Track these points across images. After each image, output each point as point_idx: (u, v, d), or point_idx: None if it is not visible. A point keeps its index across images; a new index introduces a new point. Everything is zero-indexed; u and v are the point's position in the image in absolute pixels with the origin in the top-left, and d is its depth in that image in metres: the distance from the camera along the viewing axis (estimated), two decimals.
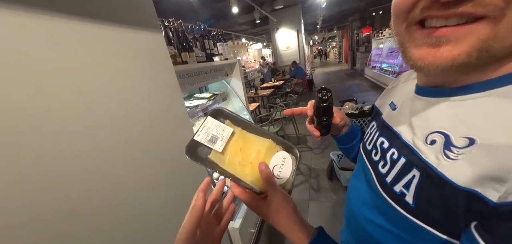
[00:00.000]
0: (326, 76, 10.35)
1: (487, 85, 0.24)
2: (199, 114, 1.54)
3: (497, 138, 0.21)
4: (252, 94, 4.80)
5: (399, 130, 0.33)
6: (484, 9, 0.20)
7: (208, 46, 1.55)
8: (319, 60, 20.27)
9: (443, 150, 0.25)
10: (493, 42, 0.21)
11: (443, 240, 0.24)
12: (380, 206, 0.32)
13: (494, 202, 0.20)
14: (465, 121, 0.24)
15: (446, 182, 0.23)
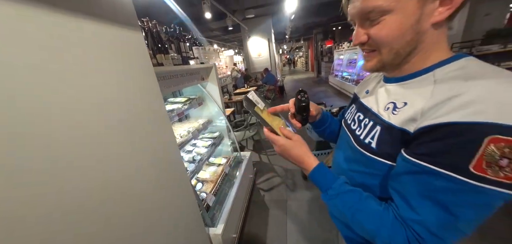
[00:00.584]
0: (296, 83, 11.00)
1: (403, 79, 0.45)
2: (174, 119, 1.47)
3: (414, 101, 0.39)
4: (226, 100, 4.78)
5: (371, 105, 0.51)
6: (372, 47, 0.43)
7: (184, 49, 1.51)
8: (288, 68, 21.45)
9: (392, 111, 0.43)
10: (385, 60, 0.43)
11: (391, 166, 0.42)
12: (357, 157, 0.50)
13: (412, 132, 0.37)
14: (403, 95, 0.43)
15: (392, 127, 0.41)
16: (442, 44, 0.40)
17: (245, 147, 3.61)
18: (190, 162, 1.61)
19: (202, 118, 2.04)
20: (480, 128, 0.29)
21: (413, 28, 0.37)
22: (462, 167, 0.31)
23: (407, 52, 0.40)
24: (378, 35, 0.40)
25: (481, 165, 0.30)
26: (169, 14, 4.37)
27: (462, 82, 0.34)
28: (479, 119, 0.29)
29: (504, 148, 0.28)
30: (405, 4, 0.36)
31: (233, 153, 2.32)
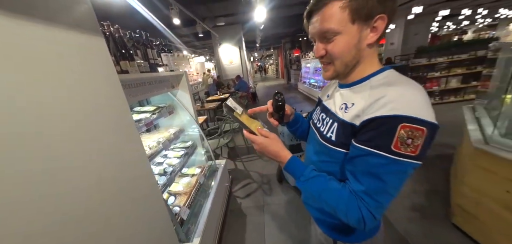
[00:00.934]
0: (268, 90, 11.35)
1: (352, 85, 0.56)
2: (142, 129, 1.37)
3: (358, 103, 0.51)
4: (198, 107, 4.63)
5: (330, 107, 0.62)
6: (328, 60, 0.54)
7: (151, 56, 1.43)
8: (259, 75, 22.02)
9: (344, 110, 0.54)
10: (338, 70, 0.54)
11: (346, 153, 0.53)
12: (322, 149, 0.61)
13: (357, 125, 0.49)
14: (351, 98, 0.54)
15: (345, 122, 0.53)
16: (374, 59, 0.55)
17: (220, 155, 3.54)
18: (161, 175, 1.51)
19: (173, 128, 1.93)
20: (395, 119, 0.42)
21: (356, 46, 0.50)
22: (387, 147, 0.43)
23: (353, 64, 0.53)
24: (333, 50, 0.51)
25: (398, 145, 0.43)
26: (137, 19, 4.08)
27: (386, 87, 0.47)
28: (394, 113, 0.42)
29: (409, 132, 0.42)
30: (350, 29, 0.48)
31: (208, 162, 2.25)
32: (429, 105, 0.43)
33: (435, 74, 4.57)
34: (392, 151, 0.43)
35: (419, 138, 0.41)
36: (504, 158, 1.15)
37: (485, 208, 1.29)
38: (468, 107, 2.00)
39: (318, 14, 0.50)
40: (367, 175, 0.47)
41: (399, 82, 0.47)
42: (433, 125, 0.42)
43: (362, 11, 0.46)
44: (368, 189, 0.47)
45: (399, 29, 7.81)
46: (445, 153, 2.59)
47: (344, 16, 0.47)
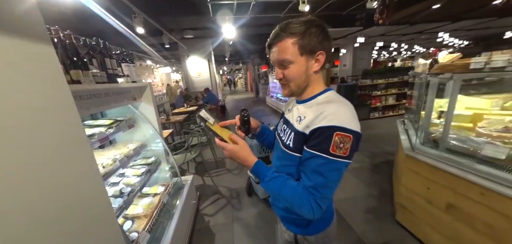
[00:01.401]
0: (237, 103, 11.45)
1: (305, 101, 0.70)
2: (94, 145, 1.22)
3: (308, 116, 0.64)
4: (164, 120, 4.33)
5: (290, 119, 0.74)
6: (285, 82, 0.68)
7: (110, 65, 1.32)
8: (228, 88, 22.09)
9: (299, 122, 0.66)
10: (293, 90, 0.68)
11: (300, 157, 0.65)
12: (284, 155, 0.72)
13: (307, 133, 0.61)
14: (304, 112, 0.67)
15: (298, 131, 0.65)
16: (320, 82, 0.70)
17: (187, 171, 3.34)
18: (117, 197, 1.34)
19: (133, 143, 1.77)
20: (332, 129, 0.56)
21: (305, 73, 0.65)
22: (327, 150, 0.57)
23: (303, 86, 0.68)
24: (288, 75, 0.66)
25: (334, 148, 0.56)
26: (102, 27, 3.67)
27: (326, 104, 0.62)
28: (331, 124, 0.57)
29: (340, 138, 0.56)
30: (300, 60, 0.63)
31: (173, 179, 2.11)
32: (355, 118, 0.59)
33: (377, 92, 5.47)
34: (330, 153, 0.56)
35: (347, 143, 0.56)
36: (423, 161, 1.46)
37: (415, 204, 1.58)
38: (400, 120, 2.46)
39: (276, 47, 0.64)
40: (314, 173, 0.59)
41: (336, 100, 0.63)
42: (357, 133, 0.57)
43: (307, 47, 0.61)
44: (315, 184, 0.59)
45: (349, 54, 9.14)
46: (389, 159, 3.07)
47: (295, 50, 0.62)
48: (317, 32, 0.61)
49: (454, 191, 1.28)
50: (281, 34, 0.62)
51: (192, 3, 4.02)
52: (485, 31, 9.96)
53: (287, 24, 0.62)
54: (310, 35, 0.60)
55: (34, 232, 0.55)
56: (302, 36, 0.60)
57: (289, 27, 0.61)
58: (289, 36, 0.61)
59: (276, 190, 0.65)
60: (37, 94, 0.59)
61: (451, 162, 1.32)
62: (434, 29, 7.66)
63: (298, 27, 0.60)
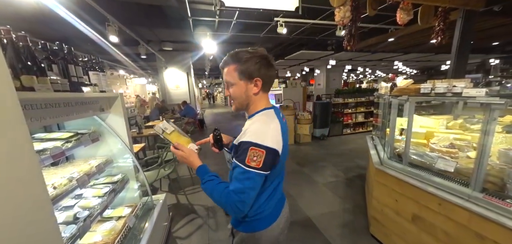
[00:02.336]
0: (216, 117, 11.26)
1: (249, 117, 0.81)
2: (45, 162, 1.05)
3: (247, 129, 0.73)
4: (135, 134, 4.00)
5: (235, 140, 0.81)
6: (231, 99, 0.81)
7: (74, 72, 1.19)
8: (208, 102, 21.71)
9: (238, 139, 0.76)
10: (237, 106, 0.82)
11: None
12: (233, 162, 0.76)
13: (236, 145, 0.75)
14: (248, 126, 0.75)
15: (234, 143, 0.78)
16: (260, 102, 0.80)
17: (159, 189, 3.07)
18: (69, 223, 1.15)
19: (97, 158, 1.58)
20: (248, 143, 0.68)
21: (245, 94, 0.77)
22: (243, 161, 0.68)
23: (245, 105, 0.80)
24: (232, 94, 0.79)
25: (249, 160, 0.67)
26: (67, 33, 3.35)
27: (253, 123, 0.74)
28: (247, 139, 0.69)
29: (254, 152, 0.67)
30: (239, 82, 0.76)
31: (142, 199, 1.91)
32: (270, 136, 0.69)
33: (349, 110, 5.94)
34: (246, 164, 0.67)
35: (260, 157, 0.67)
36: (390, 175, 1.58)
37: (386, 216, 1.68)
38: (369, 136, 2.68)
39: (224, 70, 0.78)
40: (235, 179, 0.70)
41: (260, 120, 0.75)
42: (270, 149, 0.68)
43: (246, 73, 0.74)
44: (235, 189, 0.68)
45: (323, 74, 9.92)
46: (361, 173, 3.26)
47: (235, 74, 0.75)
48: (256, 61, 0.74)
49: (417, 203, 1.40)
50: (227, 60, 0.77)
51: (171, 17, 3.99)
52: (428, 63, 11.95)
53: (234, 53, 0.75)
54: (248, 64, 0.73)
55: None
56: (242, 64, 0.74)
57: (233, 55, 0.75)
58: (232, 63, 0.75)
59: (209, 191, 0.74)
60: None
61: (413, 175, 1.45)
62: (390, 57, 8.87)
63: (241, 56, 0.74)
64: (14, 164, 0.58)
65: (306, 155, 4.30)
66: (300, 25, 4.65)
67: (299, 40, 6.36)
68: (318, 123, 5.40)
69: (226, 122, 9.16)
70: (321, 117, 5.39)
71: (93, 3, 2.74)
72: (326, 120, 5.46)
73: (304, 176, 3.29)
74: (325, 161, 3.90)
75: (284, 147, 0.74)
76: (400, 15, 2.49)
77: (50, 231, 0.71)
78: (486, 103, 1.06)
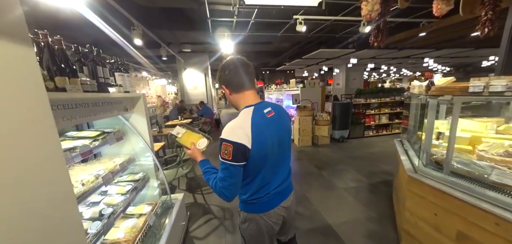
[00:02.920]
0: (231, 116, 11.33)
1: None
2: (75, 159, 1.09)
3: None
4: (156, 133, 4.17)
5: None
6: None
7: (102, 74, 1.24)
8: (224, 103, 22.07)
9: None
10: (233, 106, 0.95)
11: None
12: None
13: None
14: None
15: None
16: (241, 101, 0.91)
17: (177, 188, 3.15)
18: (95, 219, 1.19)
19: (120, 156, 1.64)
20: (221, 140, 0.80)
21: (229, 97, 0.93)
22: (220, 153, 0.81)
23: (233, 105, 0.94)
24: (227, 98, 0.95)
25: (223, 153, 0.80)
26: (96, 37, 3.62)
27: (232, 120, 0.84)
28: (221, 136, 0.80)
29: (224, 146, 0.79)
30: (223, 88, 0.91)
31: (162, 197, 1.95)
32: (237, 133, 0.79)
33: (371, 111, 5.57)
34: (221, 157, 0.81)
35: (229, 149, 0.78)
36: (427, 184, 1.41)
37: (422, 231, 1.49)
38: (397, 140, 2.45)
39: None
40: (219, 170, 0.85)
41: (236, 119, 0.85)
42: (235, 143, 0.77)
43: (219, 82, 0.94)
44: (219, 178, 0.84)
45: (342, 74, 9.46)
46: (386, 179, 3.02)
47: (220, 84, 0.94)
48: (219, 74, 0.91)
49: (465, 219, 1.20)
50: None
51: (191, 19, 4.09)
52: (465, 60, 10.73)
53: None
54: (217, 76, 0.93)
55: None
56: (216, 77, 0.97)
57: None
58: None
59: (206, 180, 0.92)
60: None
61: (459, 186, 1.27)
62: (420, 54, 8.13)
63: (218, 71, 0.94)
64: (42, 163, 0.59)
65: (324, 158, 4.11)
66: (320, 23, 4.47)
67: (318, 38, 6.14)
68: (337, 124, 5.14)
69: None
70: (340, 118, 5.13)
71: (119, 7, 2.89)
72: (346, 121, 5.18)
73: (323, 180, 3.14)
74: (345, 165, 3.69)
75: (262, 142, 0.82)
76: (437, 5, 2.20)
77: (73, 231, 0.72)
78: None
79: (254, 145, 0.79)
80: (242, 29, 4.74)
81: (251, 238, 1.00)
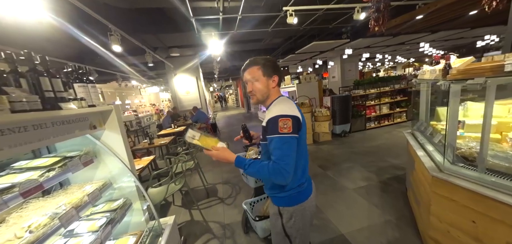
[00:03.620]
0: (228, 119, 11.11)
1: (267, 108, 1.04)
2: (10, 204, 0.81)
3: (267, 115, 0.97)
4: (146, 145, 3.89)
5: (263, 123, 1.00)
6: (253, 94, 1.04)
7: (50, 86, 0.97)
8: (220, 105, 21.72)
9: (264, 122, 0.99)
10: (258, 98, 1.04)
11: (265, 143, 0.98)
12: (263, 146, 1.03)
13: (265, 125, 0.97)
14: (267, 114, 0.97)
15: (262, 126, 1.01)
16: (277, 93, 1.03)
17: (172, 203, 2.88)
18: None
19: (93, 183, 1.38)
20: (275, 117, 0.89)
21: (266, 87, 1.00)
22: (277, 131, 0.87)
23: (265, 96, 1.01)
24: (255, 88, 1.00)
25: (281, 129, 0.87)
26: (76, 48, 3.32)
27: (274, 105, 0.97)
28: (274, 115, 0.90)
29: (282, 121, 0.88)
30: (262, 78, 0.99)
31: (149, 223, 1.68)
32: (290, 109, 0.91)
33: (371, 102, 5.37)
34: (279, 133, 0.86)
35: (289, 123, 0.87)
36: (459, 186, 1.18)
37: (455, 240, 1.26)
38: (408, 132, 2.23)
39: (247, 71, 1.02)
40: (275, 149, 0.87)
41: (279, 103, 0.97)
42: (293, 116, 0.89)
43: (267, 72, 0.99)
44: (277, 157, 0.86)
45: (337, 66, 9.28)
46: (397, 175, 2.80)
47: (260, 72, 0.99)
48: (272, 63, 1.00)
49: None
50: (250, 63, 1.01)
51: (174, 20, 3.81)
52: (459, 41, 10.67)
53: (254, 59, 1.01)
54: (268, 65, 0.99)
55: None
56: (264, 65, 0.99)
57: (254, 60, 1.01)
58: (255, 65, 1.00)
59: (255, 171, 0.91)
60: None
61: (501, 187, 1.04)
62: (415, 39, 7.99)
63: (261, 60, 1.00)
64: None
65: (328, 156, 3.88)
66: (311, 13, 4.24)
67: (310, 31, 5.91)
68: (338, 119, 4.93)
69: (238, 124, 8.95)
70: (340, 112, 4.91)
71: (93, 13, 2.61)
72: (346, 115, 4.97)
73: (329, 181, 2.91)
74: (351, 162, 3.47)
75: (303, 120, 0.97)
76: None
77: None
78: None
79: (301, 120, 0.94)
80: (230, 27, 4.48)
81: (298, 232, 1.02)
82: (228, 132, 7.59)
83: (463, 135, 1.52)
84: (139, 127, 7.87)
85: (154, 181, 2.63)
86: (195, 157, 3.06)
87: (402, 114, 5.63)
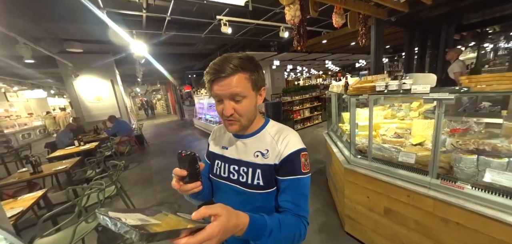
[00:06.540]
0: (158, 128, 9.72)
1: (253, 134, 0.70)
2: None
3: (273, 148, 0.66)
4: (27, 175, 2.74)
5: (240, 157, 0.70)
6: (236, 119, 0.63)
7: None
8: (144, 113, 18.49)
9: (263, 156, 0.66)
10: (243, 124, 0.64)
11: (275, 191, 0.66)
12: (251, 199, 0.67)
13: (278, 163, 0.64)
14: (260, 144, 0.68)
15: (268, 165, 0.65)
16: (259, 114, 0.73)
17: None
18: None
19: None
20: (298, 151, 0.64)
21: (254, 106, 0.67)
22: (300, 170, 0.63)
23: (252, 120, 0.68)
24: (241, 110, 0.63)
25: (303, 167, 0.64)
26: None
27: (282, 132, 0.68)
28: (297, 148, 0.64)
29: (304, 157, 0.65)
30: (252, 94, 0.64)
31: None
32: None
33: (297, 107, 6.35)
34: (302, 172, 0.64)
35: (307, 159, 0.66)
36: (359, 173, 1.62)
37: (359, 213, 1.72)
38: (325, 133, 2.80)
39: (227, 80, 0.58)
40: (299, 195, 0.64)
41: (285, 127, 0.71)
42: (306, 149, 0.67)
43: (257, 83, 0.64)
44: (302, 205, 0.64)
45: (268, 75, 10.35)
46: (319, 168, 3.43)
47: (249, 85, 0.62)
48: (260, 68, 0.65)
49: (388, 197, 1.46)
50: (236, 66, 0.58)
51: (72, 8, 2.90)
52: (347, 62, 14.77)
53: (245, 58, 0.61)
54: (260, 71, 0.65)
55: None
56: (254, 71, 0.63)
57: (245, 60, 0.60)
58: (242, 71, 0.60)
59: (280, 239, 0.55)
60: None
61: (382, 171, 1.51)
62: (322, 57, 10.25)
63: (248, 63, 0.61)
64: None
65: None
66: (244, 25, 4.49)
67: (243, 41, 6.24)
68: None
69: (172, 134, 8.03)
70: (274, 116, 5.47)
71: None
72: (278, 118, 5.61)
73: None
74: None
75: None
76: (335, 18, 2.73)
77: None
78: (438, 99, 1.16)
79: None
80: (158, 28, 3.98)
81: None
82: (159, 144, 6.61)
83: (358, 134, 2.10)
84: (7, 150, 5.42)
85: (48, 225, 1.87)
86: (116, 181, 2.46)
87: (319, 116, 7.02)
